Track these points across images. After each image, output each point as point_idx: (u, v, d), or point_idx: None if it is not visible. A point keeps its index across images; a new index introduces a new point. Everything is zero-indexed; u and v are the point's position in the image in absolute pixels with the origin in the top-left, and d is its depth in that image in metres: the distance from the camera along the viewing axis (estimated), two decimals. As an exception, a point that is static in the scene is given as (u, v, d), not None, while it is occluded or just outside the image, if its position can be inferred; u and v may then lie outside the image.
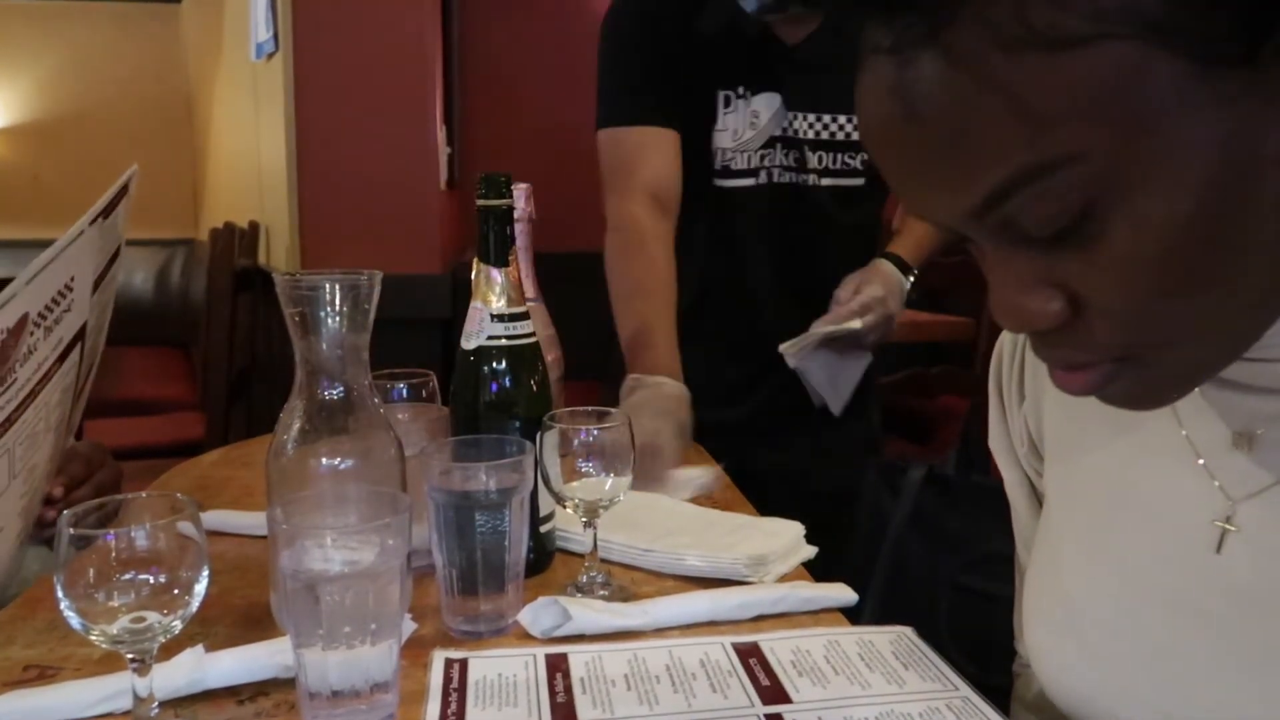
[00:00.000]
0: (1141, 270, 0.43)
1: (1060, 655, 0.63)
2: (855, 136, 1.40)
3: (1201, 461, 0.57)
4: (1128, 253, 0.43)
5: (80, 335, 0.77)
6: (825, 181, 1.42)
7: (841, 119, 1.41)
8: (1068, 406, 0.67)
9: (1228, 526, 0.56)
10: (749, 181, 1.41)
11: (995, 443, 0.75)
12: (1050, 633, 0.65)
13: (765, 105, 1.39)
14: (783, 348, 1.36)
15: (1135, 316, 0.45)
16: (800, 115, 1.40)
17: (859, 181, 1.44)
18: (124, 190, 0.75)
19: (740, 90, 1.39)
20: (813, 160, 1.41)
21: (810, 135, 1.41)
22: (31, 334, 0.69)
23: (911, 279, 1.41)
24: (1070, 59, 0.40)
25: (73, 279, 0.72)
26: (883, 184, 1.42)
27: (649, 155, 1.36)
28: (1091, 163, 0.41)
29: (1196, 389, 0.57)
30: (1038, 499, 0.74)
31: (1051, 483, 0.69)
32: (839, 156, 1.42)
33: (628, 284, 1.33)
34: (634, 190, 1.35)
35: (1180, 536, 0.58)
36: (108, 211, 0.73)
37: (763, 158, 1.41)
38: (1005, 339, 0.74)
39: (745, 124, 1.39)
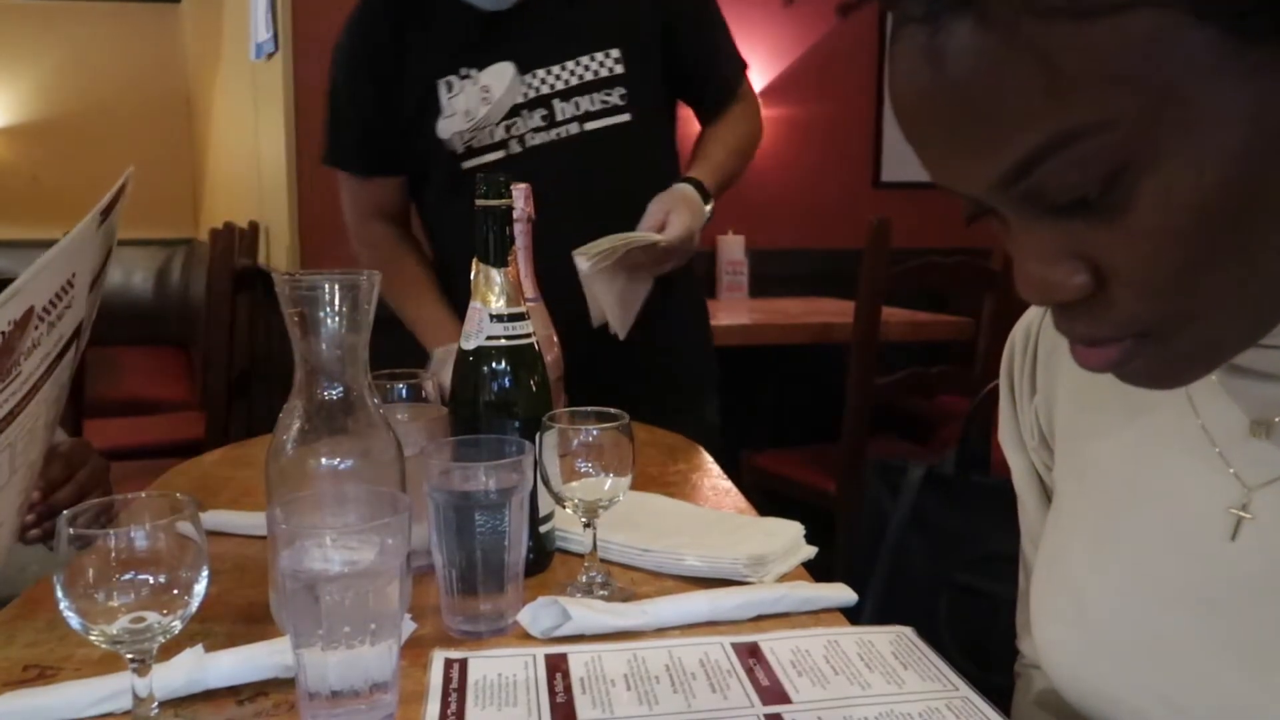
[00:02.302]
0: (1166, 241, 0.44)
1: (1069, 647, 0.63)
2: (606, 72, 1.40)
3: (1217, 450, 0.57)
4: (1153, 222, 0.43)
5: (77, 333, 0.77)
6: (589, 125, 1.40)
7: (584, 60, 1.39)
8: (1080, 398, 0.67)
9: (1243, 514, 0.56)
10: (498, 154, 1.41)
11: (1005, 436, 0.75)
12: (1059, 625, 0.65)
13: (496, 77, 1.39)
14: (577, 253, 1.31)
15: (1158, 289, 0.45)
16: (538, 72, 1.39)
17: (625, 118, 1.41)
18: (122, 190, 0.75)
19: (463, 72, 1.40)
20: (564, 111, 1.39)
21: (556, 87, 1.39)
22: (36, 328, 0.69)
23: (710, 207, 1.42)
24: (1102, 25, 0.40)
25: (74, 276, 0.72)
26: (659, 115, 1.49)
27: (372, 191, 1.53)
28: (1120, 130, 0.42)
29: (1214, 377, 0.57)
30: (1046, 493, 0.74)
31: (1062, 475, 0.69)
32: (594, 97, 1.40)
33: (396, 288, 1.47)
34: (368, 216, 1.54)
35: (1194, 525, 0.58)
36: (108, 211, 0.74)
37: (508, 128, 1.40)
38: (1017, 332, 0.74)
39: (477, 101, 1.40)
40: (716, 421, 1.65)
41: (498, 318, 0.85)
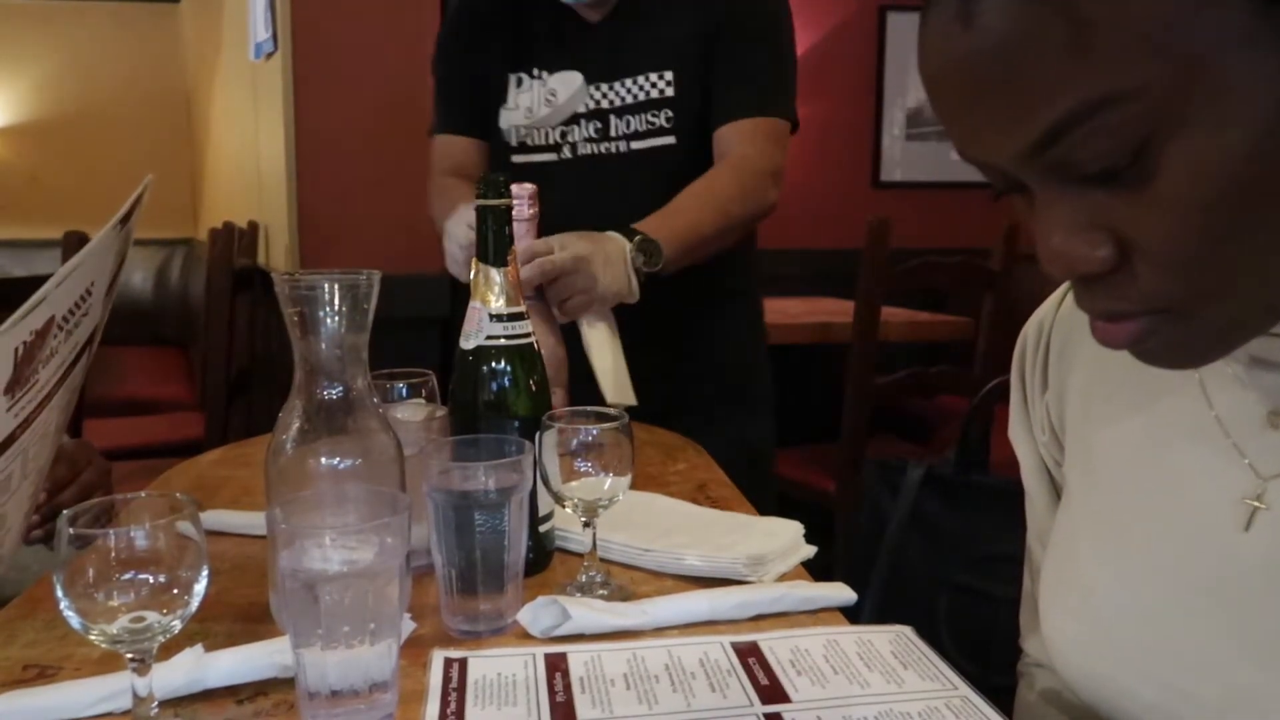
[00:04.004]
0: (1192, 213, 0.44)
1: (1079, 640, 0.63)
2: (656, 94, 1.40)
3: (1231, 441, 0.58)
4: (1179, 193, 0.43)
5: (90, 339, 0.78)
6: (634, 145, 1.41)
7: (640, 79, 1.41)
8: (1092, 393, 0.67)
9: (1258, 504, 0.56)
10: (549, 156, 1.45)
11: (1015, 431, 0.75)
12: (1069, 618, 0.65)
13: (563, 84, 1.43)
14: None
15: (1182, 263, 0.45)
16: (602, 86, 1.42)
17: (669, 140, 1.41)
18: (140, 198, 0.76)
19: (535, 71, 1.45)
20: (617, 127, 1.42)
21: (614, 103, 1.42)
22: (55, 336, 0.69)
23: (633, 245, 1.21)
24: None
25: (93, 284, 0.73)
26: (706, 143, 1.40)
27: (453, 150, 1.52)
28: (1151, 98, 0.42)
29: (1229, 369, 0.57)
30: (1055, 489, 0.74)
31: (1072, 470, 0.69)
32: (642, 117, 1.41)
33: (452, 198, 1.37)
34: (445, 170, 1.52)
35: (1207, 516, 0.58)
36: (126, 219, 0.74)
37: (564, 134, 1.44)
38: (1030, 327, 0.74)
39: (540, 101, 1.44)
40: (765, 439, 1.59)
41: (497, 317, 0.85)
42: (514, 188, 0.88)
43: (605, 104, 1.42)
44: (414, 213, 2.59)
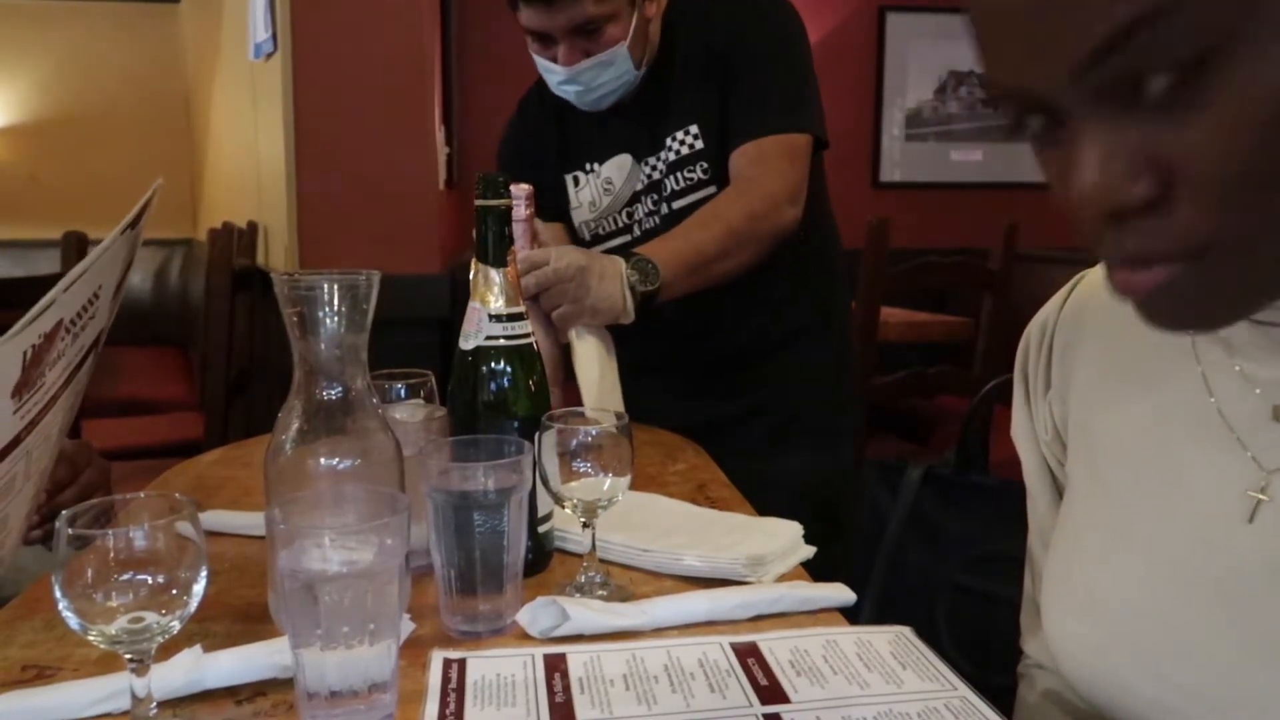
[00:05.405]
0: (1244, 134, 0.42)
1: (1083, 638, 0.63)
2: (687, 150, 1.40)
3: (1235, 434, 0.58)
4: (1233, 114, 0.41)
5: (96, 341, 0.78)
6: (676, 204, 1.43)
7: (670, 140, 1.41)
8: (1095, 392, 0.67)
9: (1261, 497, 0.56)
10: (623, 239, 1.49)
11: (1017, 431, 0.75)
12: (1072, 617, 0.65)
13: (616, 169, 1.47)
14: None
15: (1225, 196, 0.43)
16: (650, 159, 1.44)
17: (710, 190, 1.39)
18: (149, 202, 0.76)
19: (588, 167, 1.49)
20: (668, 188, 1.44)
21: (662, 172, 1.43)
22: (63, 339, 0.69)
23: (629, 269, 1.22)
24: None
25: (100, 287, 0.73)
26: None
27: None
28: (1210, 11, 0.40)
29: (1235, 367, 0.57)
30: (1058, 489, 0.74)
31: (1075, 469, 0.69)
32: (680, 174, 1.42)
33: None
34: None
35: (1211, 509, 0.58)
36: (135, 222, 0.74)
37: (629, 214, 1.48)
38: (1033, 327, 0.74)
39: (599, 192, 1.49)
40: (833, 471, 1.55)
41: (496, 318, 0.85)
42: (511, 188, 0.88)
43: (657, 175, 1.44)
44: (413, 213, 2.60)
